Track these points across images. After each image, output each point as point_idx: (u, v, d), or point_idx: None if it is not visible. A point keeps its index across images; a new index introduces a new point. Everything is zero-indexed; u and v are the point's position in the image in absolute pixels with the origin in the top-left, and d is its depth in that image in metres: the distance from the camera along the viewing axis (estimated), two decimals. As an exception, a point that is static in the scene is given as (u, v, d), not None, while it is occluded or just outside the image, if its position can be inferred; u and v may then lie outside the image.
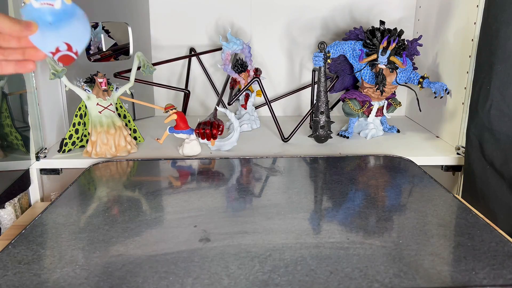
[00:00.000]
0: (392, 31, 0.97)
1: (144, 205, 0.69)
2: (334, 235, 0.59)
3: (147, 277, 0.49)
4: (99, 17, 1.10)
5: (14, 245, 0.57)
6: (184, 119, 0.92)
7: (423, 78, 1.02)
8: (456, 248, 0.56)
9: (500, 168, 0.77)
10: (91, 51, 1.12)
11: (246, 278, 0.49)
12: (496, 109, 0.77)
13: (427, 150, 0.98)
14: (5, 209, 0.78)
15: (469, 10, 0.91)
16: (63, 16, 0.48)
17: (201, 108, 1.30)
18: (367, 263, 0.52)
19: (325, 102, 0.99)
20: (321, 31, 1.23)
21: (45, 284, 0.49)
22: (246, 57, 1.10)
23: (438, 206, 0.68)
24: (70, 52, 0.49)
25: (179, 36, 1.24)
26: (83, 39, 0.50)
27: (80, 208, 0.68)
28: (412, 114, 1.27)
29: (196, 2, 1.21)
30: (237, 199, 0.71)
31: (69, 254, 0.54)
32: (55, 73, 0.85)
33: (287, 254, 0.54)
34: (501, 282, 0.49)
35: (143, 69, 0.93)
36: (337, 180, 0.78)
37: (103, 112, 0.90)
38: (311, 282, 0.48)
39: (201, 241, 0.57)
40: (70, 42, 0.48)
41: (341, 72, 1.12)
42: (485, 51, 0.81)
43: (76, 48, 0.49)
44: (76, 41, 0.49)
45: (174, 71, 1.27)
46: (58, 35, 0.48)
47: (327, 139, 1.02)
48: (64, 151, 0.92)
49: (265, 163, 0.88)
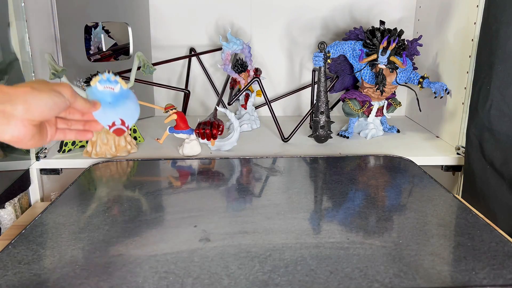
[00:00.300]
0: (392, 31, 0.97)
1: (144, 205, 0.69)
2: (334, 235, 0.59)
3: (147, 277, 0.49)
4: (99, 17, 1.10)
5: (14, 245, 0.57)
6: (184, 119, 0.92)
7: (423, 78, 1.02)
8: (456, 248, 0.56)
9: (500, 168, 0.77)
10: (91, 51, 1.12)
11: (246, 278, 0.49)
12: (496, 109, 0.77)
13: (427, 150, 0.98)
14: (5, 209, 0.78)
15: (469, 10, 0.91)
16: (120, 98, 0.58)
17: (201, 108, 1.30)
18: (367, 263, 0.52)
19: (325, 102, 0.99)
20: (321, 31, 1.23)
21: (45, 284, 0.49)
22: (246, 57, 1.10)
23: (438, 206, 0.68)
24: (123, 126, 0.58)
25: (179, 36, 1.24)
26: (134, 116, 0.60)
27: (80, 208, 0.68)
28: (412, 114, 1.27)
29: (196, 2, 1.21)
30: (237, 199, 0.71)
31: (69, 254, 0.54)
32: (55, 73, 0.84)
33: (287, 254, 0.54)
34: (501, 282, 0.49)
35: (143, 69, 0.93)
36: (337, 180, 0.78)
37: (103, 112, 0.90)
38: (311, 282, 0.48)
39: (201, 241, 0.57)
40: (124, 118, 0.58)
41: (341, 72, 1.12)
42: (485, 51, 0.81)
43: (128, 123, 0.59)
44: (128, 118, 0.59)
45: (174, 71, 1.27)
46: (115, 112, 0.57)
47: (327, 139, 1.02)
48: (64, 151, 0.92)
49: (265, 163, 0.88)
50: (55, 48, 1.00)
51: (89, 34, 1.10)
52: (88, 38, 1.09)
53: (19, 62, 0.85)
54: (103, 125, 0.57)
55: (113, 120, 0.58)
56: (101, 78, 0.57)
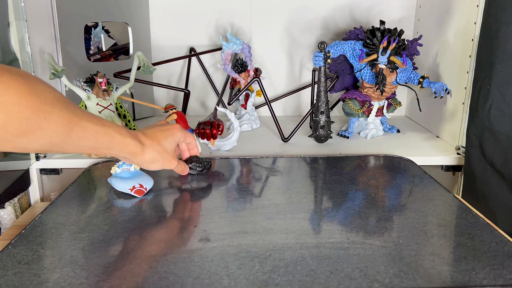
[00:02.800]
0: (392, 31, 0.97)
1: (144, 205, 0.69)
2: (334, 235, 0.59)
3: (147, 277, 0.49)
4: (99, 17, 1.10)
5: (14, 245, 0.57)
6: (184, 119, 0.92)
7: (423, 78, 1.02)
8: (456, 248, 0.56)
9: (500, 168, 0.77)
10: (91, 51, 1.12)
11: (246, 278, 0.49)
12: (496, 109, 0.77)
13: (427, 150, 0.98)
14: (5, 209, 0.78)
15: (469, 10, 0.91)
16: (135, 174, 0.74)
17: (201, 108, 1.30)
18: (367, 263, 0.52)
19: (325, 102, 0.99)
20: (321, 31, 1.23)
21: (45, 284, 0.49)
22: (246, 57, 1.10)
23: (438, 206, 0.68)
24: (142, 188, 0.72)
25: (179, 36, 1.24)
26: (150, 182, 0.75)
27: (80, 208, 0.68)
28: (412, 114, 1.27)
29: (196, 2, 1.21)
30: (237, 199, 0.71)
31: (69, 254, 0.54)
32: (55, 73, 0.85)
33: (287, 254, 0.54)
34: (501, 282, 0.49)
35: (143, 69, 0.93)
36: (337, 180, 0.78)
37: (103, 112, 0.90)
38: (311, 282, 0.48)
39: (201, 241, 0.57)
40: (141, 183, 0.73)
41: (341, 72, 1.12)
42: (485, 51, 0.81)
43: (146, 186, 0.73)
44: (145, 183, 0.73)
45: (174, 71, 1.27)
46: (133, 180, 0.73)
47: (327, 139, 1.02)
48: (64, 151, 0.92)
49: (265, 163, 0.88)
50: (55, 48, 1.00)
51: (89, 34, 1.10)
52: (88, 38, 1.09)
53: (19, 62, 0.85)
54: (124, 190, 0.71)
55: (133, 185, 0.72)
56: (118, 164, 0.74)
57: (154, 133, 0.68)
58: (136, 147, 0.63)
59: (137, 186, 0.72)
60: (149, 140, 0.66)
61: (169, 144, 0.69)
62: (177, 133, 0.71)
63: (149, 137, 0.66)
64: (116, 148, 0.61)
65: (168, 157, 0.69)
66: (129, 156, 0.64)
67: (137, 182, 0.73)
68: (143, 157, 0.65)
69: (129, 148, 0.62)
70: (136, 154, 0.64)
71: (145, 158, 0.65)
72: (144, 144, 0.64)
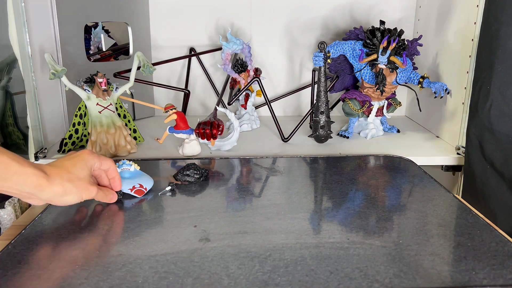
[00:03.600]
0: (392, 31, 0.97)
1: (144, 205, 0.69)
2: (334, 235, 0.59)
3: (147, 277, 0.49)
4: (99, 17, 1.10)
5: (14, 245, 0.57)
6: (184, 119, 0.92)
7: (423, 78, 1.02)
8: (456, 248, 0.56)
9: (500, 168, 0.77)
10: (91, 51, 1.12)
11: (246, 278, 0.49)
12: (496, 109, 0.77)
13: (427, 150, 0.98)
14: (5, 209, 0.77)
15: (469, 10, 0.91)
16: (135, 174, 0.74)
17: (201, 108, 1.30)
18: (367, 263, 0.52)
19: (325, 102, 0.99)
20: (321, 31, 1.23)
21: (45, 284, 0.49)
22: (246, 57, 1.10)
23: (438, 206, 0.68)
24: (142, 188, 0.72)
25: (179, 36, 1.24)
26: (149, 182, 0.74)
27: (80, 208, 0.68)
28: (412, 114, 1.27)
29: (196, 2, 1.21)
30: (237, 199, 0.71)
31: (69, 254, 0.54)
32: (55, 73, 0.84)
33: (287, 254, 0.54)
34: (501, 282, 0.49)
35: (143, 69, 0.93)
36: (337, 180, 0.78)
37: (103, 112, 0.90)
38: (311, 282, 0.48)
39: (201, 241, 0.57)
40: (141, 183, 0.73)
41: (341, 72, 1.12)
42: (485, 51, 0.81)
43: (146, 186, 0.73)
44: (144, 183, 0.73)
45: (174, 71, 1.27)
46: (133, 181, 0.72)
47: (327, 139, 1.02)
48: (64, 151, 0.92)
49: (265, 163, 0.88)
50: (55, 48, 1.00)
51: (89, 34, 1.10)
52: (88, 38, 1.09)
53: (19, 62, 0.85)
54: (125, 190, 0.71)
55: (133, 185, 0.72)
56: (118, 164, 0.73)
57: (60, 162, 0.61)
58: (39, 178, 0.55)
59: (137, 186, 0.72)
60: (55, 169, 0.58)
61: (80, 170, 0.61)
62: (86, 157, 0.63)
63: (54, 166, 0.59)
64: (13, 180, 0.53)
65: (83, 184, 0.61)
66: (33, 191, 0.55)
67: (137, 182, 0.73)
68: (51, 189, 0.56)
69: (31, 180, 0.54)
70: (42, 187, 0.55)
71: (54, 190, 0.57)
72: (49, 174, 0.56)
